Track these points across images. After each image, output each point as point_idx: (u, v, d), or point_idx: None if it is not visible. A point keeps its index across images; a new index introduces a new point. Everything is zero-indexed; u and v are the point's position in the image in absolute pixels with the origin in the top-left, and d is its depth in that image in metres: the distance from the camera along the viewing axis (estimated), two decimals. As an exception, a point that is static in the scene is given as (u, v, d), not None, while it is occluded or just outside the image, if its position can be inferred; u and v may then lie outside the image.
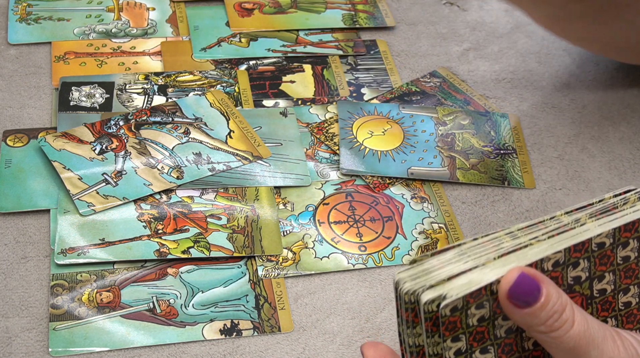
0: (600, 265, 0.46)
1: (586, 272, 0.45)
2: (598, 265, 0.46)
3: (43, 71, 0.76)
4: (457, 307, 0.42)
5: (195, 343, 0.59)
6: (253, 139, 0.71)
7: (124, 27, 0.81)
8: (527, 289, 0.41)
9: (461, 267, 0.43)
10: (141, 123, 0.71)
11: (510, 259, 0.44)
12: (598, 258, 0.45)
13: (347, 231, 0.66)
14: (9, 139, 0.70)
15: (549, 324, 0.42)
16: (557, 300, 0.42)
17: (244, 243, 0.64)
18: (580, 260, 0.45)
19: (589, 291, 0.46)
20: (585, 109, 0.77)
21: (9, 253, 0.63)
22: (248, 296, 0.61)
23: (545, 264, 0.44)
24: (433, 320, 0.43)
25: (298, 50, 0.80)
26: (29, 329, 0.59)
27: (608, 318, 0.48)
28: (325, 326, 0.60)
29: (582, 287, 0.46)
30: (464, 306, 0.42)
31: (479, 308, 0.43)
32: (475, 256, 0.44)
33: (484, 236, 0.45)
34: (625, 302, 0.48)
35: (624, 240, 0.46)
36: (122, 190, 0.66)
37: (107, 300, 0.60)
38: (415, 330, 0.45)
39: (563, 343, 0.42)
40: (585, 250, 0.45)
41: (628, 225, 0.45)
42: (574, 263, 0.45)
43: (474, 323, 0.43)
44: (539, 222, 0.46)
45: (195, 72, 0.77)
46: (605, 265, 0.46)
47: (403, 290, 0.44)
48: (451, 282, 0.43)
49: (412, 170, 0.70)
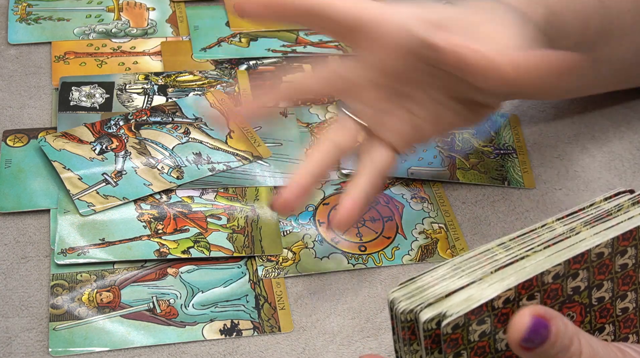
0: (599, 274, 0.46)
1: (585, 281, 0.45)
2: (597, 274, 0.46)
3: (43, 71, 0.76)
4: (458, 325, 0.42)
5: (195, 343, 0.59)
6: (253, 139, 0.71)
7: (124, 27, 0.81)
8: (539, 330, 0.42)
9: (457, 283, 0.43)
10: (141, 123, 0.71)
11: (508, 272, 0.43)
12: (597, 268, 0.45)
13: (347, 231, 0.66)
14: (9, 139, 0.70)
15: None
16: (565, 333, 0.42)
17: (244, 243, 0.64)
18: (579, 271, 0.45)
19: (588, 300, 0.46)
20: (585, 109, 0.77)
21: (9, 253, 0.63)
22: (248, 296, 0.61)
23: (545, 277, 0.44)
24: (432, 338, 0.43)
25: (298, 50, 0.80)
26: (29, 329, 0.59)
27: (606, 325, 0.48)
28: (325, 326, 0.60)
29: (581, 297, 0.46)
30: (465, 323, 0.42)
31: (480, 324, 0.43)
32: (469, 270, 0.44)
33: (475, 250, 0.45)
34: (623, 308, 0.48)
35: (622, 248, 0.46)
36: (122, 190, 0.66)
37: (107, 300, 0.60)
38: (412, 347, 0.45)
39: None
40: (584, 261, 0.45)
41: (626, 234, 0.45)
42: (573, 274, 0.45)
43: (475, 339, 0.43)
44: (530, 231, 0.46)
45: (195, 72, 0.77)
46: (603, 274, 0.46)
47: (399, 310, 0.44)
48: (450, 299, 0.43)
49: (412, 170, 0.70)
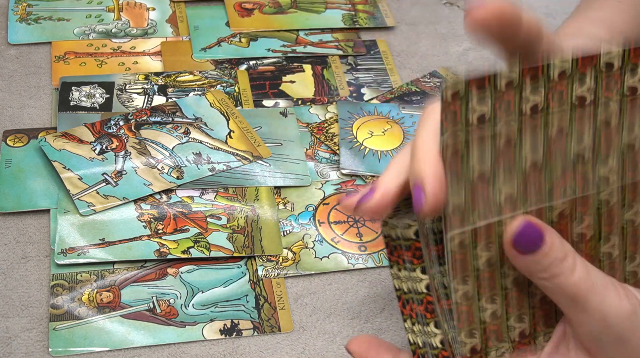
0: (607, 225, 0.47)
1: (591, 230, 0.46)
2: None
3: (43, 71, 0.76)
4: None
5: (195, 343, 0.59)
6: (253, 139, 0.71)
7: (124, 27, 0.81)
8: (531, 237, 0.43)
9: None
10: (141, 123, 0.71)
11: None
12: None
13: (347, 231, 0.66)
14: (9, 139, 0.70)
15: (550, 270, 0.43)
16: (560, 248, 0.43)
17: (244, 243, 0.64)
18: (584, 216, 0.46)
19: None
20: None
21: (9, 253, 0.63)
22: (248, 296, 0.61)
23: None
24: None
25: (298, 50, 0.80)
26: (29, 329, 0.59)
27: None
28: (325, 326, 0.60)
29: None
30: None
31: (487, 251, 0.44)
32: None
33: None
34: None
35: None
36: (122, 190, 0.66)
37: (107, 300, 0.60)
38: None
39: (564, 290, 0.43)
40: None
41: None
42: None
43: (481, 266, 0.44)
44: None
45: (195, 72, 0.77)
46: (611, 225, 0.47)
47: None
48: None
49: (412, 170, 0.70)
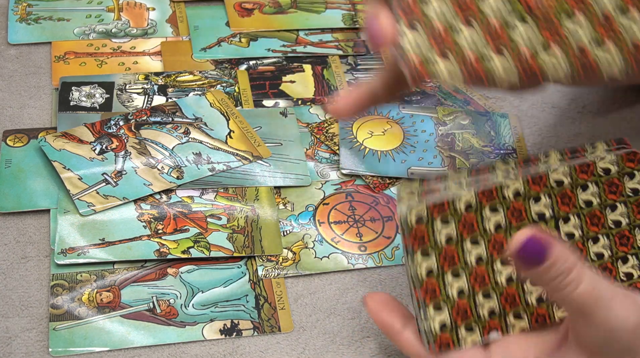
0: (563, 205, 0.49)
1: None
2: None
3: (43, 71, 0.76)
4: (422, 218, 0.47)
5: (195, 343, 0.59)
6: (253, 139, 0.71)
7: (124, 27, 0.81)
8: (533, 252, 0.42)
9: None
10: (141, 123, 0.71)
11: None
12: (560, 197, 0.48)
13: (347, 231, 0.66)
14: (9, 139, 0.70)
15: (554, 285, 0.43)
16: (564, 261, 0.43)
17: (244, 243, 0.64)
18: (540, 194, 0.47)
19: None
20: (585, 109, 0.77)
21: (9, 253, 0.63)
22: (248, 296, 0.61)
23: (505, 191, 0.47)
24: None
25: (298, 50, 0.80)
26: (29, 329, 0.59)
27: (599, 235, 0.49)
28: (325, 326, 0.60)
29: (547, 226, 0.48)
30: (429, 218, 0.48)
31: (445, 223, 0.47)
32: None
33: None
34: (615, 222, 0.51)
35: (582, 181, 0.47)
36: (122, 190, 0.66)
37: (107, 300, 0.60)
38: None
39: (569, 302, 0.44)
40: (543, 184, 0.48)
41: (583, 166, 0.46)
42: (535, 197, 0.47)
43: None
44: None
45: (195, 72, 0.77)
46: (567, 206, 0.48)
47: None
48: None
49: (412, 170, 0.70)
